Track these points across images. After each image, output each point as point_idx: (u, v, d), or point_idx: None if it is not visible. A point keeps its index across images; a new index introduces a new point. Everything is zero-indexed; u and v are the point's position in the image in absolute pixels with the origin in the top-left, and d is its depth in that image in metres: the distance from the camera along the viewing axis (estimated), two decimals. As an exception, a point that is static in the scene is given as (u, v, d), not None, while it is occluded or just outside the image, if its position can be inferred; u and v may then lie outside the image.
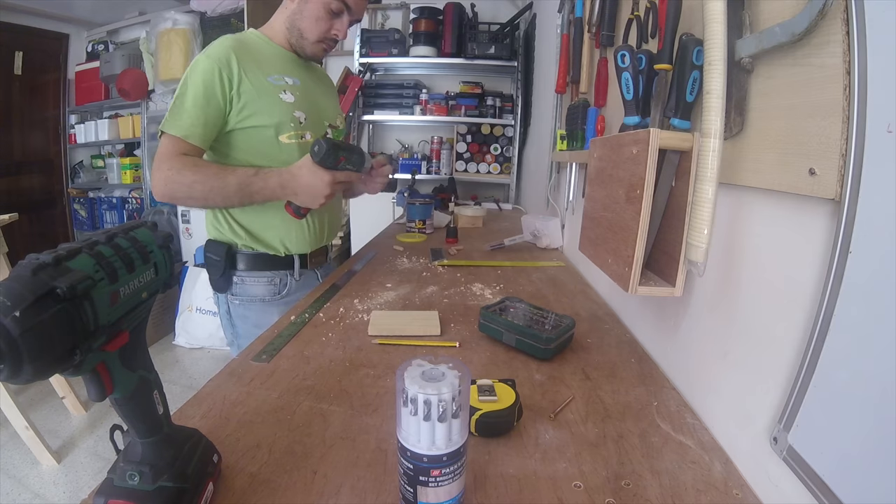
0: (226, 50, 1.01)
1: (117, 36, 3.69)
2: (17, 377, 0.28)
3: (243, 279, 1.13)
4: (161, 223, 3.09)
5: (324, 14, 1.06)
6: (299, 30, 1.09)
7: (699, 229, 0.54)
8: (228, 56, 1.00)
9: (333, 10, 1.07)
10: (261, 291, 1.14)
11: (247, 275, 1.13)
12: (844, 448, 0.37)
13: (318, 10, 1.06)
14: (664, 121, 0.66)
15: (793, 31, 0.43)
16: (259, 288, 1.14)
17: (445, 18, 2.88)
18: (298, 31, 1.09)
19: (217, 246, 1.12)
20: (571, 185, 1.41)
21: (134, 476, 0.39)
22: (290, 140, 1.08)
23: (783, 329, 0.46)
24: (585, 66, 1.28)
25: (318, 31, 1.08)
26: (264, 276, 1.14)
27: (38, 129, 3.68)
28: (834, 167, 0.39)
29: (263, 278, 1.14)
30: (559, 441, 0.55)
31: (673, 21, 0.65)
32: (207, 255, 1.13)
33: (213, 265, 1.13)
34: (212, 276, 1.15)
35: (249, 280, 1.14)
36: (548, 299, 1.05)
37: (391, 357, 0.76)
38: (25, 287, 0.28)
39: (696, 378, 0.64)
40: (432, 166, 3.20)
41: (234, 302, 1.15)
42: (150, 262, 0.38)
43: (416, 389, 0.38)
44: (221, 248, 1.11)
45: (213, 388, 0.65)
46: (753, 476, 0.49)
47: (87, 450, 1.95)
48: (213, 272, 1.14)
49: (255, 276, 1.14)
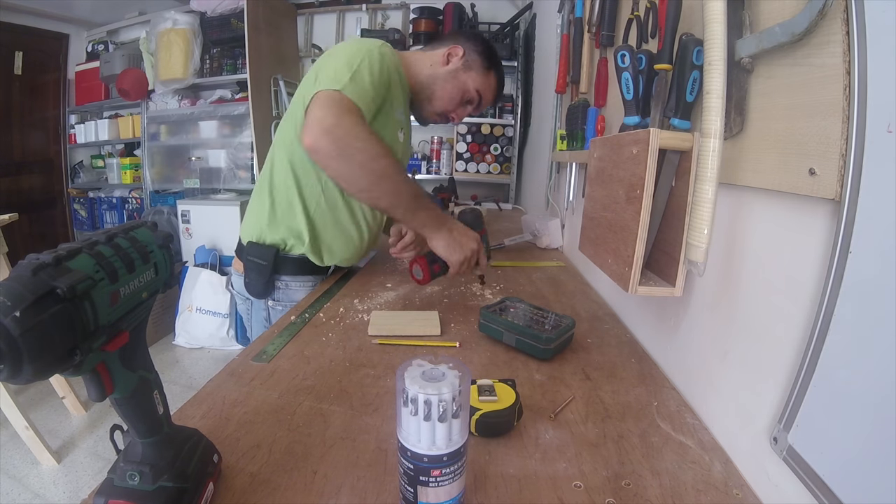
0: (392, 58, 0.98)
1: (117, 36, 3.68)
2: (17, 377, 0.28)
3: (288, 284, 1.09)
4: (161, 223, 3.09)
5: (458, 97, 1.09)
6: (432, 94, 1.09)
7: (699, 229, 0.54)
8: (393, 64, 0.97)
9: (469, 98, 1.10)
10: (303, 296, 1.09)
11: (291, 279, 1.09)
12: (844, 448, 0.37)
13: (457, 92, 1.08)
14: (664, 121, 0.65)
15: (793, 31, 0.43)
16: (302, 292, 1.10)
17: (445, 18, 2.88)
18: (431, 94, 1.09)
19: (263, 249, 1.05)
20: (571, 185, 1.41)
21: (134, 476, 0.39)
22: None
23: (783, 329, 0.46)
24: (585, 66, 1.28)
25: (445, 108, 1.10)
26: (309, 280, 1.11)
27: (38, 129, 3.67)
28: (834, 167, 0.39)
29: (309, 282, 1.11)
30: (559, 441, 0.55)
31: (673, 21, 0.65)
32: (251, 258, 1.06)
33: (258, 270, 1.06)
34: (252, 281, 1.08)
35: (294, 285, 1.10)
36: (548, 299, 1.05)
37: (391, 357, 0.76)
38: (25, 287, 0.28)
39: (696, 378, 0.64)
40: (432, 166, 3.20)
41: (277, 308, 1.10)
42: (150, 262, 0.38)
43: (416, 389, 0.38)
44: (269, 252, 1.05)
45: (213, 388, 0.65)
46: (753, 476, 0.49)
47: (87, 450, 1.95)
48: (256, 277, 1.07)
49: (300, 281, 1.10)
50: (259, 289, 1.09)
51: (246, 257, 1.08)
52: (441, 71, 1.08)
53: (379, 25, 3.33)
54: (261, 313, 1.13)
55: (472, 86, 1.08)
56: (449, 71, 1.08)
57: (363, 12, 3.34)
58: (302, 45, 3.43)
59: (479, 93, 1.10)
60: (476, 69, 1.08)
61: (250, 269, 1.08)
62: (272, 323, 1.10)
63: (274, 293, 1.10)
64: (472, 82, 1.08)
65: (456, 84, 1.08)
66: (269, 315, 1.12)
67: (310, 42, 3.43)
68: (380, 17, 3.36)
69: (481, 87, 1.10)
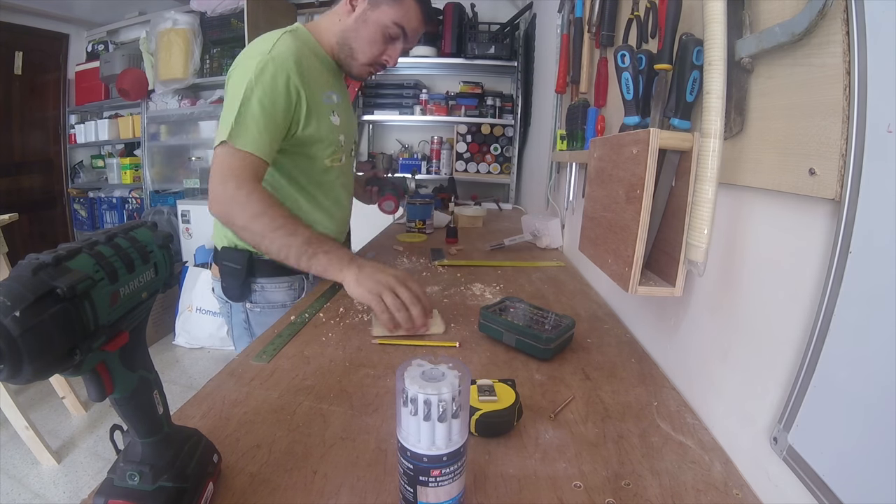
0: (292, 55, 0.94)
1: (117, 36, 3.68)
2: (17, 377, 0.28)
3: (263, 286, 1.09)
4: (161, 223, 3.09)
5: (380, 38, 1.02)
6: (351, 49, 1.04)
7: (699, 229, 0.54)
8: (294, 64, 0.93)
9: (391, 35, 1.03)
10: (281, 297, 1.11)
11: (267, 281, 1.08)
12: (844, 448, 0.37)
13: (375, 33, 1.02)
14: (664, 121, 0.65)
15: (793, 31, 0.43)
16: (279, 294, 1.10)
17: (445, 18, 2.88)
18: (350, 49, 1.04)
19: (235, 254, 1.05)
20: (571, 185, 1.41)
21: (134, 476, 0.39)
22: (332, 164, 1.06)
23: (783, 329, 0.46)
24: (585, 66, 1.28)
25: (371, 55, 1.04)
26: (284, 281, 1.10)
27: (38, 129, 3.67)
28: (834, 167, 0.39)
29: (284, 283, 1.10)
30: (559, 441, 0.55)
31: (673, 21, 0.65)
32: (224, 263, 1.07)
33: (232, 274, 1.06)
34: (228, 286, 1.08)
35: (270, 287, 1.09)
36: (548, 299, 1.05)
37: (391, 357, 0.76)
38: (25, 287, 0.28)
39: (696, 378, 0.64)
40: (432, 166, 3.20)
41: (255, 310, 1.10)
42: (150, 262, 0.38)
43: (416, 389, 0.38)
44: (242, 256, 1.05)
45: (213, 388, 0.65)
46: (753, 476, 0.49)
47: (87, 450, 1.95)
48: (231, 281, 1.07)
49: (275, 283, 1.09)
50: (235, 292, 1.08)
51: (220, 262, 1.08)
52: (349, 21, 1.02)
53: (379, 25, 3.33)
54: (240, 316, 1.12)
55: (388, 20, 1.01)
56: (357, 17, 1.02)
57: (363, 12, 3.34)
58: (302, 45, 3.43)
59: (400, 24, 1.02)
60: (385, 2, 1.01)
61: (225, 273, 1.08)
62: (252, 326, 1.11)
63: (251, 296, 1.09)
64: (386, 17, 1.01)
65: (369, 27, 1.01)
66: (248, 318, 1.11)
67: (310, 42, 3.43)
68: (380, 17, 3.36)
69: (399, 18, 1.01)
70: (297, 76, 0.93)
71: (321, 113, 0.99)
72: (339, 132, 1.05)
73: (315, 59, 1.02)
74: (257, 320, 1.12)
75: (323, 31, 1.05)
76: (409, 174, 2.46)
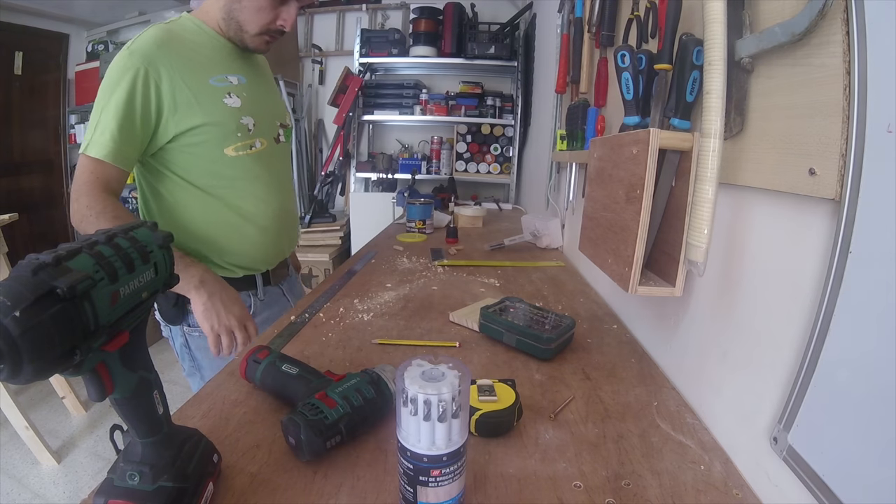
0: (152, 46, 0.86)
1: (117, 36, 3.68)
2: (17, 377, 0.28)
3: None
4: (161, 223, 3.08)
5: (266, 4, 0.91)
6: (238, 22, 0.93)
7: (699, 229, 0.54)
8: (155, 55, 0.85)
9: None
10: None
11: None
12: (844, 448, 0.37)
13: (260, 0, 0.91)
14: (664, 121, 0.65)
15: (793, 31, 0.43)
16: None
17: (445, 18, 2.88)
18: (237, 22, 0.93)
19: None
20: (571, 185, 1.41)
21: (134, 476, 0.39)
22: (238, 153, 0.95)
23: (783, 329, 0.46)
24: (585, 66, 1.27)
25: (260, 23, 0.93)
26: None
27: (38, 129, 3.67)
28: (834, 167, 0.39)
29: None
30: (559, 441, 0.55)
31: (673, 21, 0.65)
32: None
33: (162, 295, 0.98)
34: (160, 306, 0.98)
35: None
36: (548, 299, 1.05)
37: (391, 357, 0.76)
38: (25, 287, 0.28)
39: (695, 378, 0.64)
40: (432, 166, 3.20)
41: (193, 334, 1.00)
42: (150, 261, 0.38)
43: (416, 389, 0.38)
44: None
45: (213, 388, 0.65)
46: (753, 476, 0.49)
47: (87, 450, 1.95)
48: (163, 301, 0.97)
49: None
50: (169, 313, 0.99)
51: None
52: None
53: (379, 25, 3.34)
54: (179, 340, 1.03)
55: None
56: None
57: (363, 12, 3.34)
58: (302, 45, 3.43)
59: None
60: None
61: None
62: (192, 351, 1.02)
63: (187, 318, 0.98)
64: None
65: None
66: (188, 342, 1.02)
67: (310, 42, 3.43)
68: (380, 17, 3.36)
69: None
70: (164, 67, 0.86)
71: (206, 98, 0.91)
72: (240, 114, 0.94)
73: (201, 43, 0.94)
74: (197, 344, 1.01)
75: (209, 11, 0.96)
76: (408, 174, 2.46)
